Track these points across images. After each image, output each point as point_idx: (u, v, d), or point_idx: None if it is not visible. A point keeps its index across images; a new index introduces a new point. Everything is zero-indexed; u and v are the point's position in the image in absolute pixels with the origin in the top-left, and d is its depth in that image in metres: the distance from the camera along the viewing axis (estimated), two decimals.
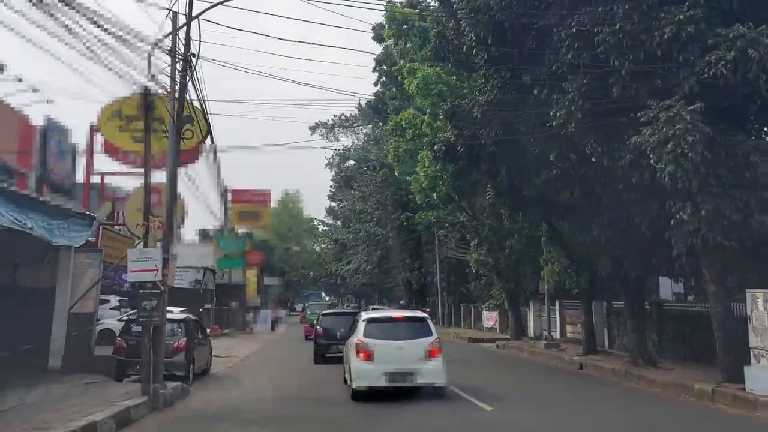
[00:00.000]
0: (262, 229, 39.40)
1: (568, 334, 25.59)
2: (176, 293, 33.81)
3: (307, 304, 45.95)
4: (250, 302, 54.34)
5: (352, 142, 62.47)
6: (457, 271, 44.81)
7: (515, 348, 24.53)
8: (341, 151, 63.31)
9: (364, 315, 13.24)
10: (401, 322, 12.53)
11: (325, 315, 21.24)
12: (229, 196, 38.19)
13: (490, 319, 38.56)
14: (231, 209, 37.93)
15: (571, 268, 19.60)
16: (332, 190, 72.44)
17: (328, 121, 63.74)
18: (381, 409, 10.99)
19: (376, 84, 44.28)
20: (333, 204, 75.70)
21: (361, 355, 11.59)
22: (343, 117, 63.27)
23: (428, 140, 17.43)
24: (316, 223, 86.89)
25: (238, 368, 18.22)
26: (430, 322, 12.45)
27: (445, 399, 11.72)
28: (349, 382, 12.40)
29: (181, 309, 25.17)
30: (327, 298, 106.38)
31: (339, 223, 74.88)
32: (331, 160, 65.15)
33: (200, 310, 31.86)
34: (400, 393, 11.52)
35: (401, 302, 49.53)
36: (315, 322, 21.95)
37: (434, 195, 21.99)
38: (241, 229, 37.94)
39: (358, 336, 11.93)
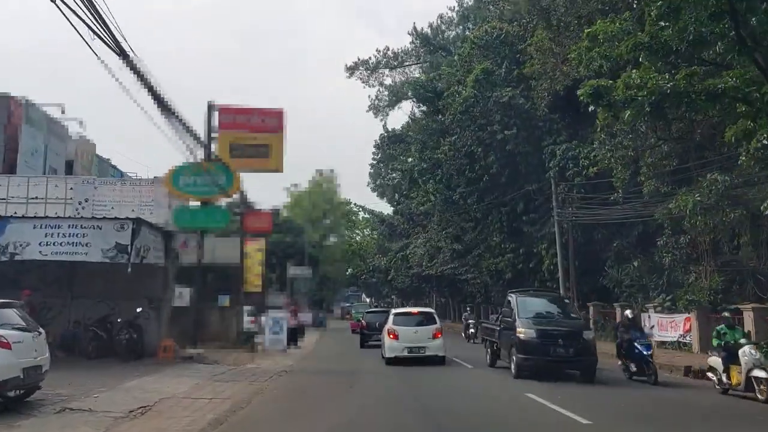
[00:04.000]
0: (272, 172, 23.20)
1: None
2: (78, 269, 14.09)
3: (353, 304, 61.77)
4: (270, 302, 38.66)
5: (405, 79, 45.59)
6: (585, 254, 27.90)
7: None
8: (392, 85, 46.48)
9: (393, 311, 20.23)
10: (416, 315, 18.98)
11: (368, 312, 28.82)
12: (216, 119, 22.28)
13: (672, 326, 21.68)
14: (219, 140, 21.90)
15: None
16: (375, 157, 56.04)
17: (370, 58, 47.49)
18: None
19: None
20: (378, 181, 59.20)
21: (391, 336, 17.46)
22: (389, 53, 46.89)
23: None
24: (354, 207, 71.39)
25: None
26: (436, 315, 18.85)
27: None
28: (383, 355, 17.82)
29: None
30: (367, 300, 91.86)
31: (385, 200, 58.61)
32: (376, 101, 48.19)
33: (138, 310, 16.11)
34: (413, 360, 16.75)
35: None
36: (360, 318, 29.45)
37: None
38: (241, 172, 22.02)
39: (389, 324, 18.04)
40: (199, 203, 17.12)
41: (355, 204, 70.53)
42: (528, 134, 30.25)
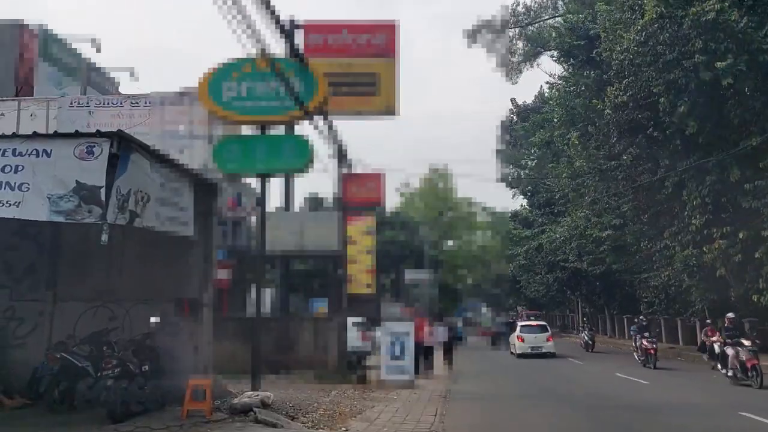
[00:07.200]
0: (382, 115, 15.46)
1: None
2: (65, 249, 9.12)
3: (475, 316, 62.30)
4: (387, 308, 30.98)
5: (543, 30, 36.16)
6: None
7: None
8: (530, 32, 37.29)
9: (519, 323, 29.92)
10: (535, 326, 27.63)
11: (498, 323, 40.28)
12: (302, 43, 15.06)
13: None
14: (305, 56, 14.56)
15: None
16: (504, 138, 47.26)
17: (494, 17, 38.95)
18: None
19: None
20: (508, 168, 50.43)
21: (519, 339, 26.30)
22: (519, 8, 38.15)
23: None
24: (474, 207, 62.90)
25: None
26: (548, 326, 28.26)
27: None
28: (512, 352, 27.17)
29: None
30: (487, 312, 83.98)
31: (518, 192, 49.74)
32: (509, 55, 38.66)
33: (152, 321, 8.80)
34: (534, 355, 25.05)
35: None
36: (490, 326, 40.62)
37: None
38: (340, 113, 14.83)
39: (517, 332, 27.20)
40: (258, 130, 9.66)
41: (475, 203, 62.11)
42: (746, 66, 20.68)
